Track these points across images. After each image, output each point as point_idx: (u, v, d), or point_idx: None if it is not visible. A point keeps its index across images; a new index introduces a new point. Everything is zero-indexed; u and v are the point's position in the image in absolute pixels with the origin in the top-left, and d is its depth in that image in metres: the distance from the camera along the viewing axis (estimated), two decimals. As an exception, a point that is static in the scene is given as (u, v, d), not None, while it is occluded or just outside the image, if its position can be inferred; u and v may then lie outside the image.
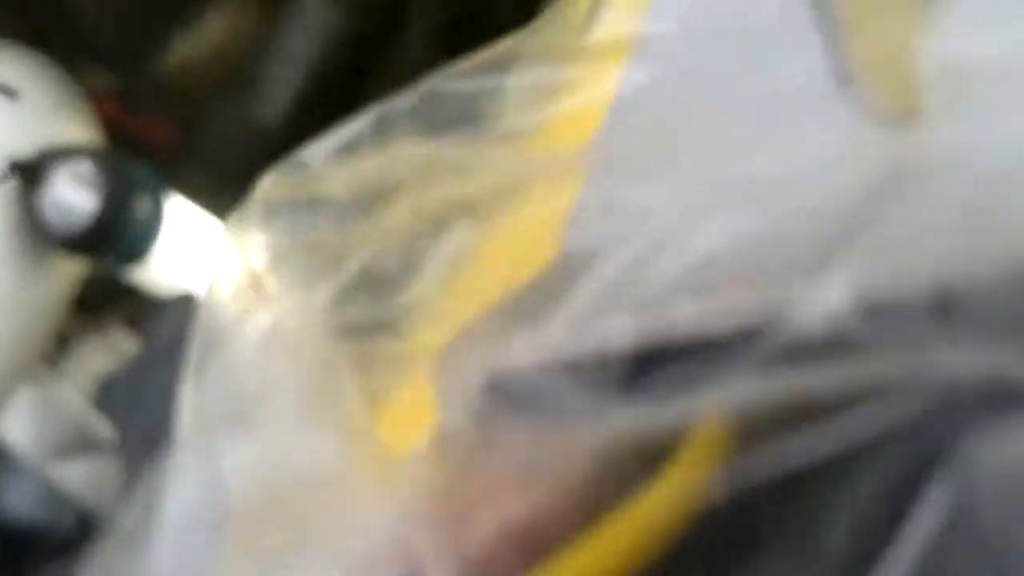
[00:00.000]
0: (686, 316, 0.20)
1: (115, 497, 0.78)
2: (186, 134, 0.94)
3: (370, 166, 0.33)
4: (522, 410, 0.22)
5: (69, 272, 0.69)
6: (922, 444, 0.16)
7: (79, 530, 0.71)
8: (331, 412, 0.27)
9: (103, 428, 0.80)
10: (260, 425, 0.28)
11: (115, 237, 0.63)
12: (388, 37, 0.95)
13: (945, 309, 0.16)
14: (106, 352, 0.82)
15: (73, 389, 0.79)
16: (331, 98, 0.96)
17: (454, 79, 0.33)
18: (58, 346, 0.79)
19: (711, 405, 0.19)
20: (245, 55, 1.00)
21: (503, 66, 0.32)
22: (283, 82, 0.91)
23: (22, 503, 0.79)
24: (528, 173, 0.29)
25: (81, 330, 0.82)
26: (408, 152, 0.32)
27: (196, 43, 1.01)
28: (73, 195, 0.61)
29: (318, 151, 0.35)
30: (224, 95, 0.93)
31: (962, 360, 0.16)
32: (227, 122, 0.92)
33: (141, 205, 0.64)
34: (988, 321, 0.16)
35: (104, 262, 0.67)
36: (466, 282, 0.30)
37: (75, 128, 0.74)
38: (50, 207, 0.60)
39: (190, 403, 0.30)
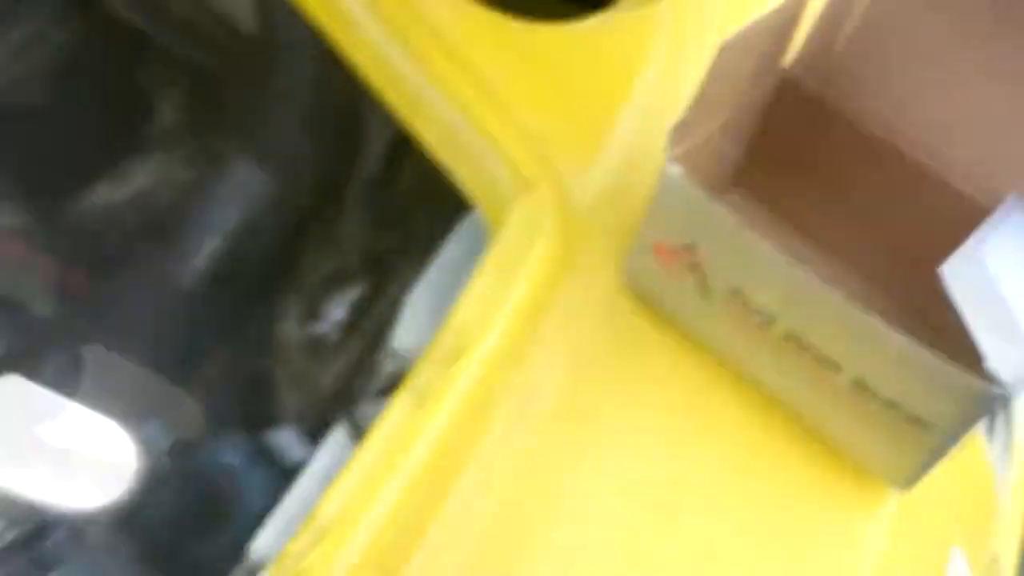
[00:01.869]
0: None
1: None
2: (97, 281, 0.88)
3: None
4: None
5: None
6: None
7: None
8: None
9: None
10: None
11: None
12: (321, 209, 0.92)
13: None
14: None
15: None
16: (252, 265, 0.91)
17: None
18: None
19: None
20: (167, 209, 0.95)
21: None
22: (203, 243, 0.86)
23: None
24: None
25: None
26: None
27: (119, 189, 0.97)
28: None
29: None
30: (142, 247, 0.87)
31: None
32: (140, 275, 0.86)
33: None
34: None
35: None
36: None
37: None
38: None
39: None
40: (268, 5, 0.75)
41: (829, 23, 0.42)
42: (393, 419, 0.39)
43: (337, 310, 0.96)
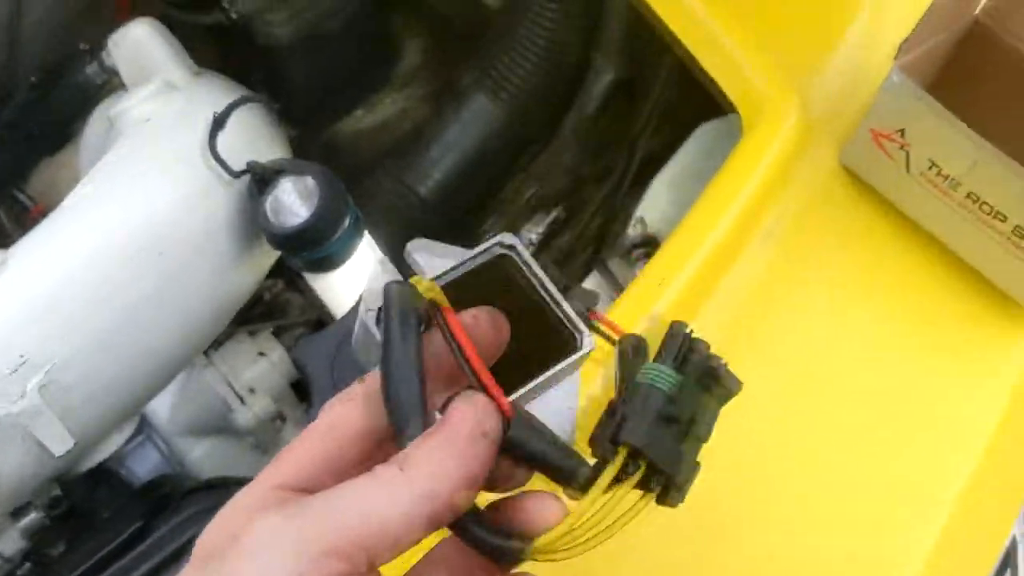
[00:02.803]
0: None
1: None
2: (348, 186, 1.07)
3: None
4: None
5: (260, 271, 0.80)
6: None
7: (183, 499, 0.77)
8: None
9: (239, 416, 0.89)
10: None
11: (316, 245, 0.74)
12: (540, 141, 1.09)
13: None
14: (252, 353, 0.92)
15: (219, 379, 0.89)
16: (476, 181, 1.09)
17: None
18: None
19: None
20: (408, 134, 1.15)
21: None
22: (439, 163, 1.05)
23: (143, 466, 0.87)
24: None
25: (234, 332, 0.92)
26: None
27: (369, 117, 1.17)
28: (293, 201, 0.73)
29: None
30: (383, 165, 1.07)
31: None
32: (383, 189, 1.05)
33: (344, 225, 0.75)
34: None
35: (298, 262, 0.77)
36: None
37: (283, 148, 0.87)
38: (272, 206, 0.72)
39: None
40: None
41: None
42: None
43: (532, 232, 1.14)
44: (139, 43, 0.82)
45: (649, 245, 0.69)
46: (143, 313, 0.66)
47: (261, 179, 0.73)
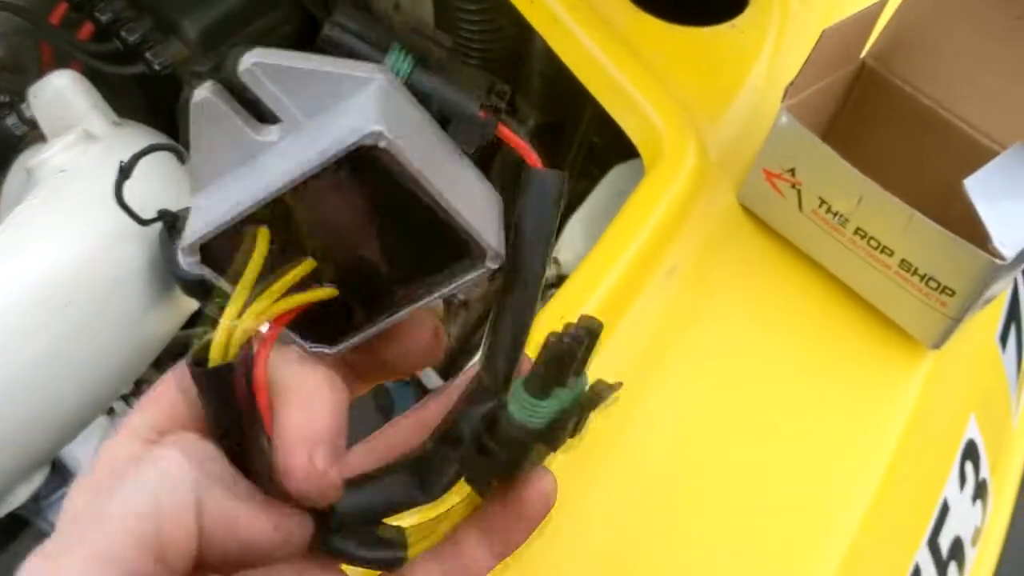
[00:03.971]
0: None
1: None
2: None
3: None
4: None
5: (177, 319, 0.80)
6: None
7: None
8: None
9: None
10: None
11: (230, 291, 0.74)
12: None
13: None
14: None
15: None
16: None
17: None
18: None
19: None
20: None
21: None
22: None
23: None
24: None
25: (153, 376, 0.91)
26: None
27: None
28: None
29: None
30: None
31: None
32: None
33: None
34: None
35: (213, 308, 0.76)
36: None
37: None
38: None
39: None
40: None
41: (895, 25, 0.61)
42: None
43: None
44: (59, 94, 0.82)
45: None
46: (52, 361, 0.65)
47: (172, 226, 0.73)
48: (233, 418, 0.25)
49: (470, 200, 0.26)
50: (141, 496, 0.22)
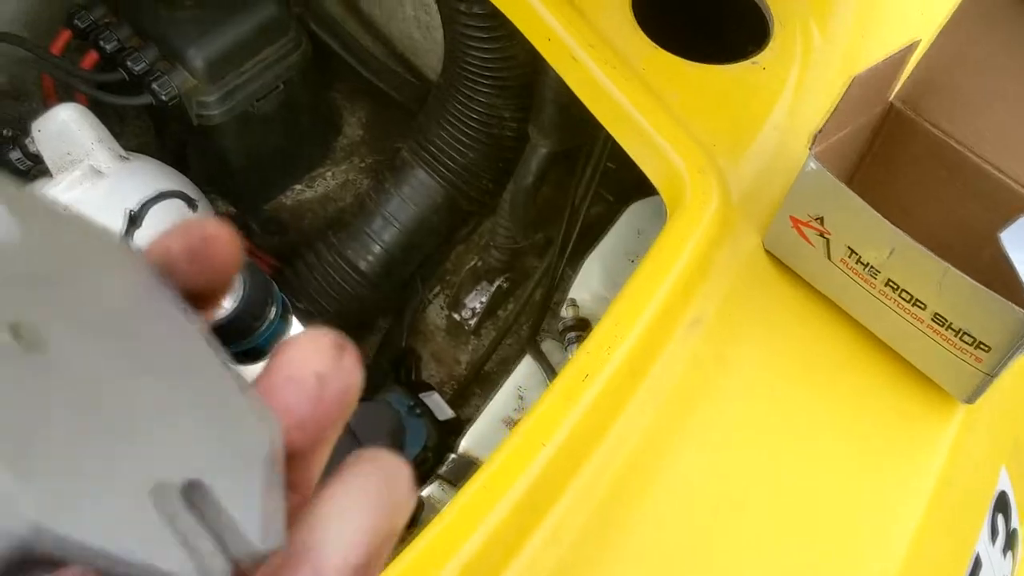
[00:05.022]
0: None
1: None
2: (284, 265, 1.06)
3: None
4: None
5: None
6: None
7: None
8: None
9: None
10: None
11: (243, 336, 0.72)
12: (481, 212, 1.10)
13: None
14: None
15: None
16: (419, 256, 1.09)
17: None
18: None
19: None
20: (350, 205, 1.14)
21: None
22: (380, 237, 1.04)
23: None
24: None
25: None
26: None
27: (311, 191, 1.16)
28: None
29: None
30: (325, 237, 1.06)
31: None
32: (324, 262, 1.04)
33: (270, 316, 0.74)
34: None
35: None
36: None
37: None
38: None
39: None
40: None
41: (924, 68, 0.59)
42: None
43: (475, 302, 1.14)
44: (65, 128, 0.80)
45: (581, 329, 0.69)
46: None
47: (133, 221, 0.71)
48: None
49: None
50: None
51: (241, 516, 0.17)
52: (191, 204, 0.74)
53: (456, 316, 1.13)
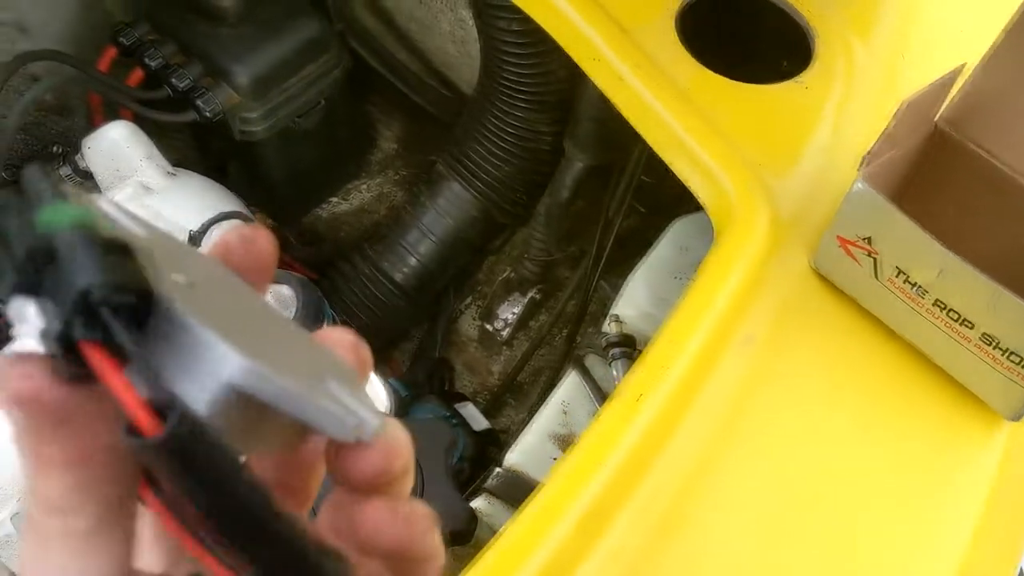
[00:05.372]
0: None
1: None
2: (320, 277, 1.07)
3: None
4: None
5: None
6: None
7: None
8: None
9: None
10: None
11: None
12: (515, 225, 1.11)
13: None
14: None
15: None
16: (453, 268, 1.10)
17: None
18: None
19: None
20: (385, 217, 1.16)
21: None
22: (415, 249, 1.06)
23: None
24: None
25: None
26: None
27: (346, 203, 1.17)
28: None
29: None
30: (361, 249, 1.07)
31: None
32: (360, 274, 1.06)
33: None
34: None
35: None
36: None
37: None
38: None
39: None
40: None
41: (971, 90, 0.60)
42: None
43: (508, 312, 1.15)
44: (115, 145, 0.82)
45: (627, 345, 0.70)
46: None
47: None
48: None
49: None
50: None
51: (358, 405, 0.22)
52: (248, 219, 0.76)
53: (488, 327, 1.14)
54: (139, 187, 0.80)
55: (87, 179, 0.84)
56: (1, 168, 0.91)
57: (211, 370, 0.19)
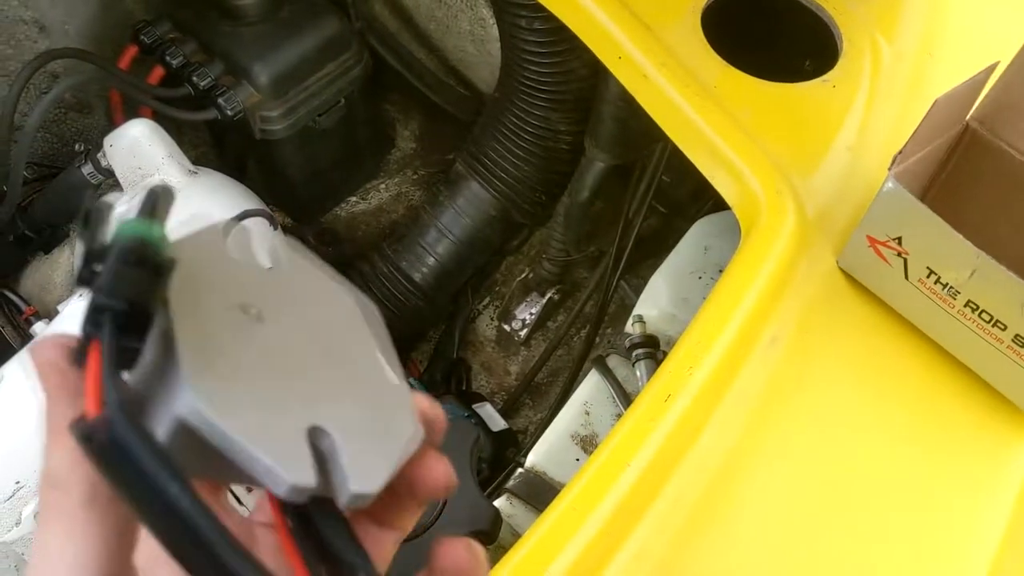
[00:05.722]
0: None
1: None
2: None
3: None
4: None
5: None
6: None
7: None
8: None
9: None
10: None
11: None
12: (531, 229, 1.10)
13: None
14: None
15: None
16: (471, 268, 1.10)
17: None
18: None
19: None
20: (403, 216, 1.15)
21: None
22: (434, 249, 1.05)
23: None
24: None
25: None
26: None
27: (365, 203, 1.17)
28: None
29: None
30: (380, 248, 1.07)
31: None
32: (379, 273, 1.05)
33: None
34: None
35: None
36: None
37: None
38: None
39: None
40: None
41: (1002, 89, 0.59)
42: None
43: (526, 313, 1.15)
44: (136, 143, 0.82)
45: (651, 345, 0.69)
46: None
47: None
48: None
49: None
50: None
51: (355, 472, 0.23)
52: (272, 222, 0.76)
53: (506, 327, 1.14)
54: (160, 185, 0.80)
55: (109, 177, 0.84)
56: (23, 167, 0.92)
57: (168, 399, 0.21)
